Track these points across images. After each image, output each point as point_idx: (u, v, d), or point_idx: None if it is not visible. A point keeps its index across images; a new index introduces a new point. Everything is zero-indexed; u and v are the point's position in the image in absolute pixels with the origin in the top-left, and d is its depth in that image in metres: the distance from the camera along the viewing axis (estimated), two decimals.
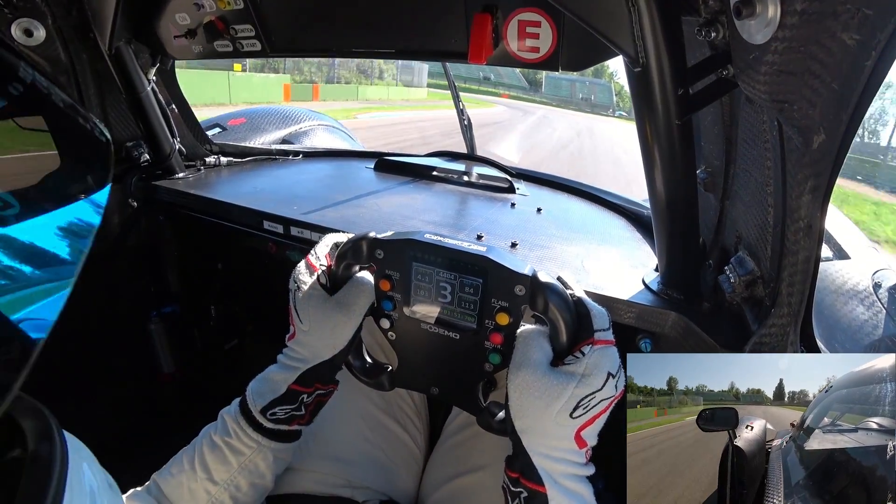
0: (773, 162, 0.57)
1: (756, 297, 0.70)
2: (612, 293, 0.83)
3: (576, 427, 0.49)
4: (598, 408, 0.49)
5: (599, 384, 0.48)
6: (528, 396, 0.49)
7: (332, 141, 2.37)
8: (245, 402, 0.63)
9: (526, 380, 0.50)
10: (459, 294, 0.56)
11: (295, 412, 0.62)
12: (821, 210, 0.50)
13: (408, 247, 0.58)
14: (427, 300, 0.59)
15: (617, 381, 0.49)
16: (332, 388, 0.65)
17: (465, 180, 1.51)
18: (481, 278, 0.55)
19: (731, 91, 0.65)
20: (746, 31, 0.47)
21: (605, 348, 0.50)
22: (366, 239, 0.60)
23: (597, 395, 0.48)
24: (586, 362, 0.49)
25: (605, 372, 0.48)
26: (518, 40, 0.86)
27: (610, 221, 1.26)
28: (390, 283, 0.60)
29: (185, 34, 1.13)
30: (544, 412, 0.48)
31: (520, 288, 0.53)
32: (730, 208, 0.77)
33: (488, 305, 0.55)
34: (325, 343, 0.60)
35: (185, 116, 1.43)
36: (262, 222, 1.15)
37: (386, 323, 0.63)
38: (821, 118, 0.43)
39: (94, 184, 0.36)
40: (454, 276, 0.56)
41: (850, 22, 0.37)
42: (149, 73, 1.24)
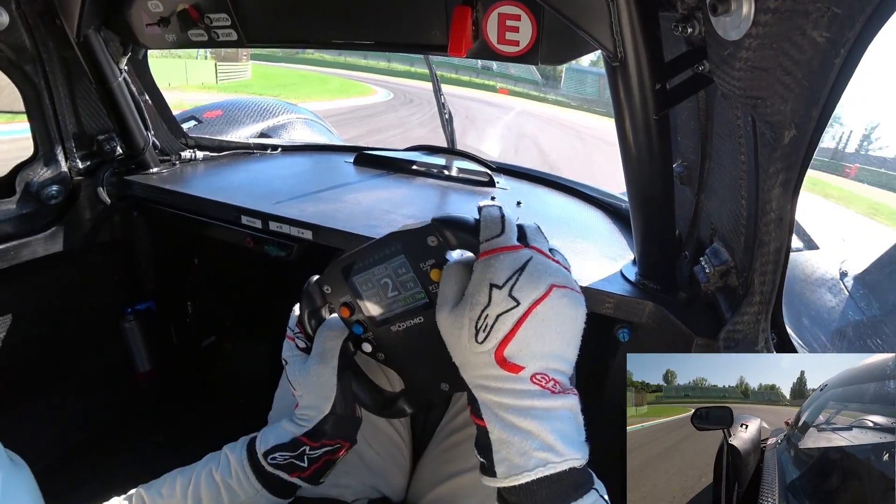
0: (747, 156, 0.59)
1: (730, 286, 0.72)
2: (591, 284, 0.85)
3: (491, 351, 0.44)
4: (502, 325, 0.43)
5: (484, 299, 0.44)
6: (446, 334, 0.47)
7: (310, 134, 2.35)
8: (253, 443, 0.63)
9: (440, 319, 0.48)
10: (398, 279, 0.57)
11: (295, 461, 0.61)
12: (791, 202, 0.52)
13: (339, 268, 0.59)
14: (381, 302, 0.59)
15: (510, 289, 0.44)
16: (342, 444, 0.63)
17: (445, 174, 1.51)
18: (402, 254, 0.55)
19: (707, 86, 0.67)
20: (722, 28, 0.48)
21: (488, 259, 0.46)
22: (310, 285, 0.62)
23: (488, 312, 0.43)
24: (472, 281, 0.46)
25: (487, 284, 0.44)
26: (498, 33, 0.86)
27: (588, 214, 1.28)
28: (347, 307, 0.60)
29: (158, 22, 1.10)
30: (458, 344, 0.46)
31: (431, 239, 0.53)
32: (705, 201, 0.79)
33: (422, 272, 0.55)
34: (318, 397, 0.60)
35: (160, 108, 1.39)
36: (240, 217, 1.14)
37: (368, 347, 0.62)
38: (792, 114, 0.45)
39: None
40: (384, 266, 0.57)
41: (821, 20, 0.38)
42: (120, 62, 1.20)
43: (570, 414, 0.45)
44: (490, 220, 0.48)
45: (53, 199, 1.20)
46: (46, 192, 1.19)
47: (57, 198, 1.21)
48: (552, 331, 0.44)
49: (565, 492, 0.43)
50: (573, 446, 0.44)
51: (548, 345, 0.44)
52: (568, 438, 0.44)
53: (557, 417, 0.44)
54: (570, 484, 0.43)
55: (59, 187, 1.21)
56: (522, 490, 0.43)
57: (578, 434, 0.45)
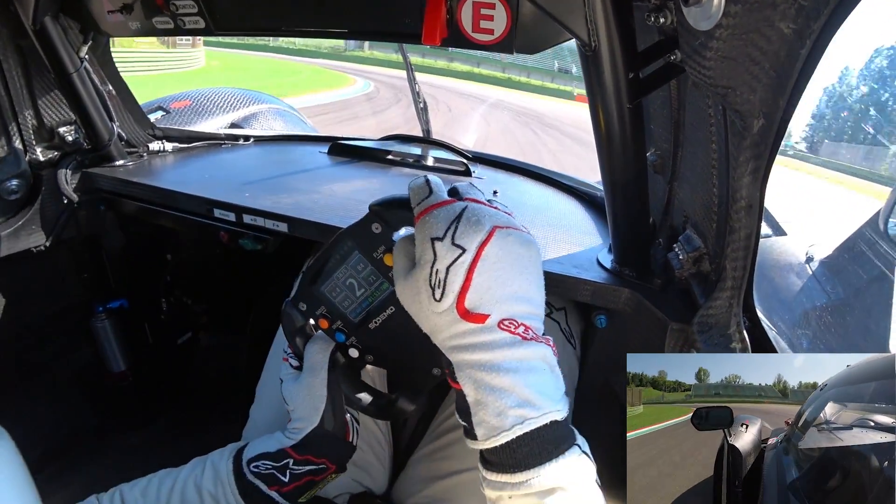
0: (718, 145, 0.60)
1: (702, 272, 0.73)
2: (569, 272, 0.86)
3: (452, 306, 0.43)
4: (455, 275, 0.42)
5: (430, 256, 0.43)
6: (407, 305, 0.47)
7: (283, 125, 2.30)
8: (241, 451, 0.63)
9: (400, 291, 0.48)
10: (360, 277, 0.58)
11: (277, 473, 0.60)
12: (760, 190, 0.53)
13: (308, 282, 0.60)
14: (353, 304, 0.59)
15: (451, 239, 0.43)
16: (327, 465, 0.62)
17: (420, 164, 1.50)
18: (354, 249, 0.56)
19: (679, 76, 0.67)
20: (693, 18, 0.48)
21: (423, 218, 0.45)
22: (287, 305, 0.63)
23: (437, 266, 0.43)
24: (416, 245, 0.46)
25: (428, 240, 0.44)
26: (472, 22, 0.85)
27: (565, 203, 1.29)
28: (325, 319, 0.61)
29: (121, 9, 1.05)
30: (421, 310, 0.45)
31: (375, 226, 0.54)
32: (678, 189, 0.80)
33: (377, 262, 0.56)
34: (307, 408, 0.60)
35: (125, 99, 1.35)
36: (213, 210, 1.11)
37: (355, 352, 0.62)
38: (760, 103, 0.46)
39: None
40: (344, 268, 0.58)
41: (788, 12, 0.39)
42: (80, 51, 1.15)
43: (545, 364, 0.44)
44: (417, 187, 0.48)
45: (13, 193, 1.16)
46: (5, 186, 1.14)
47: (17, 192, 1.16)
48: (508, 271, 0.44)
49: (546, 449, 0.42)
50: (551, 399, 0.43)
51: (507, 286, 0.44)
52: (545, 391, 0.43)
53: (532, 369, 0.43)
54: (551, 440, 0.42)
55: (20, 181, 1.16)
56: (503, 450, 0.42)
57: (556, 386, 0.45)
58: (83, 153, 1.27)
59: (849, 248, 0.89)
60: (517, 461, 0.42)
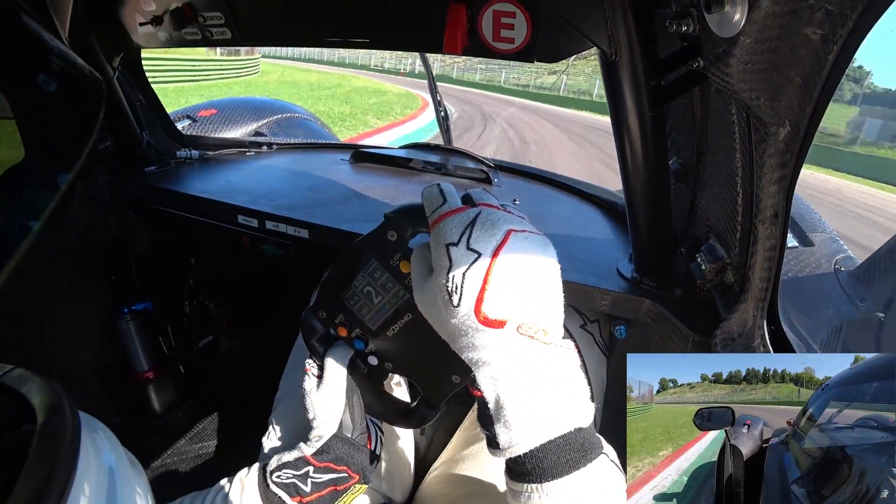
0: (742, 153, 0.59)
1: (726, 283, 0.72)
2: (588, 281, 0.85)
3: (470, 311, 0.42)
4: (472, 280, 0.42)
5: (445, 262, 0.43)
6: (425, 312, 0.47)
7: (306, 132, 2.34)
8: (266, 465, 0.63)
9: (418, 298, 0.48)
10: (378, 284, 0.58)
11: (298, 482, 0.60)
12: (786, 199, 0.52)
13: (326, 290, 0.60)
14: (372, 311, 0.59)
15: (466, 244, 0.43)
16: (349, 474, 0.61)
17: (441, 172, 1.51)
18: (371, 257, 0.57)
19: (702, 83, 0.67)
20: (716, 25, 0.48)
21: (438, 226, 0.45)
22: (307, 313, 0.63)
23: (454, 273, 0.42)
24: (432, 252, 0.45)
25: (443, 247, 0.44)
26: (493, 31, 0.86)
27: (584, 211, 1.28)
28: (344, 327, 0.61)
29: (151, 21, 1.09)
30: (439, 317, 0.45)
31: (390, 234, 0.54)
32: (701, 198, 0.79)
33: (393, 269, 0.56)
34: (327, 415, 0.61)
35: (154, 108, 1.39)
36: (237, 216, 1.13)
37: (374, 360, 0.62)
38: (786, 110, 0.45)
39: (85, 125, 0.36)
40: (362, 276, 0.58)
41: (814, 17, 0.38)
42: (113, 61, 1.19)
43: (567, 369, 0.43)
44: (430, 195, 0.48)
45: None
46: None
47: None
48: (525, 274, 0.43)
49: (573, 457, 0.41)
50: (574, 405, 0.42)
51: (524, 290, 0.43)
52: (568, 397, 0.42)
53: (553, 374, 0.42)
54: (577, 447, 0.41)
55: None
56: (527, 459, 0.41)
57: (579, 391, 0.43)
58: (114, 160, 1.31)
59: (882, 260, 0.86)
60: (543, 470, 0.41)
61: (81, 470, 0.29)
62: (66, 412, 0.31)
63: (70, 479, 0.28)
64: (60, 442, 0.28)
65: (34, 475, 0.26)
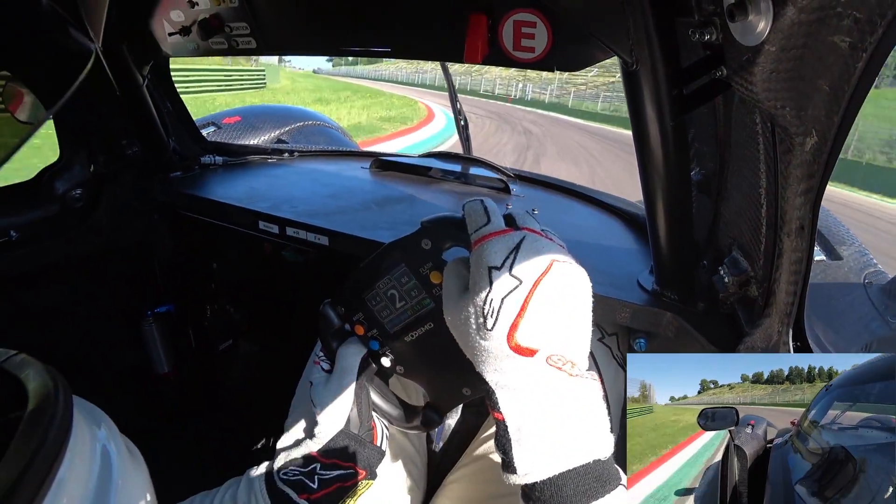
0: (767, 163, 0.58)
1: (749, 297, 0.70)
2: (607, 293, 0.84)
3: (503, 336, 0.42)
4: (509, 307, 0.42)
5: (485, 284, 0.42)
6: (454, 329, 0.47)
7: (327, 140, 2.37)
8: (273, 463, 0.63)
9: (448, 315, 0.47)
10: (403, 289, 0.57)
11: (305, 479, 0.60)
12: (812, 211, 0.50)
13: (348, 287, 0.60)
14: (392, 314, 0.59)
15: (509, 269, 0.42)
16: (356, 470, 0.61)
17: (460, 181, 1.51)
18: (401, 262, 0.56)
19: (725, 92, 0.65)
20: (739, 33, 0.47)
21: (481, 246, 0.44)
22: (324, 308, 0.63)
23: (492, 296, 0.42)
24: (471, 272, 0.45)
25: (485, 269, 0.43)
26: (513, 40, 0.86)
27: (604, 222, 1.26)
28: (361, 325, 0.61)
29: (180, 31, 1.12)
30: (468, 337, 0.45)
31: (425, 242, 0.53)
32: (723, 209, 0.77)
33: (423, 277, 0.56)
34: (334, 412, 0.60)
35: (180, 115, 1.42)
36: (258, 222, 1.15)
37: (387, 361, 0.63)
38: (812, 120, 0.44)
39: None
40: (388, 279, 0.57)
41: (841, 25, 0.37)
42: (143, 70, 1.23)
43: (590, 401, 0.43)
44: (473, 211, 0.47)
45: (77, 202, 1.23)
46: (70, 195, 1.22)
47: (80, 201, 1.24)
48: (561, 308, 0.43)
49: (591, 486, 0.41)
50: (596, 437, 0.42)
51: (559, 323, 0.43)
52: (589, 428, 0.42)
53: (576, 406, 0.42)
54: (595, 478, 0.41)
55: (83, 191, 1.24)
56: (546, 486, 0.41)
57: (601, 423, 0.43)
58: (141, 165, 1.34)
59: None
60: (561, 499, 0.41)
61: (72, 454, 0.29)
62: (60, 397, 0.31)
63: (56, 461, 0.28)
64: (49, 426, 0.28)
65: (17, 457, 0.26)
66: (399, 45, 1.00)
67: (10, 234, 1.12)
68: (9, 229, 1.12)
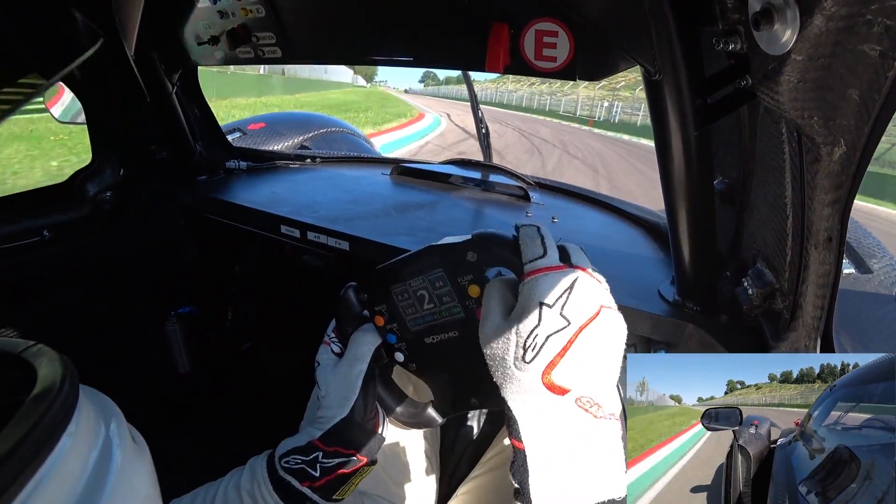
0: (793, 173, 0.56)
1: (775, 310, 0.68)
2: (628, 303, 0.83)
3: (538, 371, 0.43)
4: (551, 345, 0.42)
5: (534, 319, 0.43)
6: (489, 352, 0.47)
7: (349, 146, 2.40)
8: (274, 452, 0.64)
9: (484, 336, 0.47)
10: (435, 292, 0.56)
11: (307, 467, 0.60)
12: (841, 222, 0.49)
13: (378, 276, 0.59)
14: (417, 313, 0.59)
15: (560, 309, 0.43)
16: (357, 457, 0.61)
17: (481, 188, 1.51)
18: (440, 267, 0.55)
19: (750, 101, 0.65)
20: (765, 42, 0.46)
21: (535, 279, 0.45)
22: (347, 291, 0.62)
23: (538, 332, 0.42)
24: (520, 300, 0.45)
25: (536, 303, 0.43)
26: (535, 49, 0.86)
27: (625, 231, 1.25)
28: (382, 316, 0.61)
29: (209, 41, 1.16)
30: (502, 363, 0.45)
31: (471, 254, 0.53)
32: (747, 219, 0.76)
33: (459, 287, 0.55)
34: (339, 398, 0.60)
35: (207, 120, 1.46)
36: (280, 226, 1.17)
37: (400, 356, 0.62)
38: (841, 129, 0.43)
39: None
40: (422, 279, 0.56)
41: (871, 33, 0.36)
42: (173, 77, 1.27)
43: (611, 443, 0.44)
44: (530, 239, 0.48)
45: (107, 204, 1.27)
46: (101, 197, 1.26)
47: (110, 203, 1.28)
48: (600, 352, 0.44)
49: None
50: (613, 477, 0.43)
51: (595, 367, 0.44)
52: (606, 470, 0.43)
53: (598, 448, 0.43)
54: None
55: (112, 193, 1.28)
56: None
57: (617, 464, 0.44)
58: (168, 169, 1.38)
59: None
60: None
61: (71, 437, 0.29)
62: (66, 384, 0.31)
63: (52, 440, 0.28)
64: (42, 415, 0.29)
65: (14, 432, 0.27)
66: (422, 54, 1.01)
67: (43, 233, 1.16)
68: (42, 228, 1.16)
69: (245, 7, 1.08)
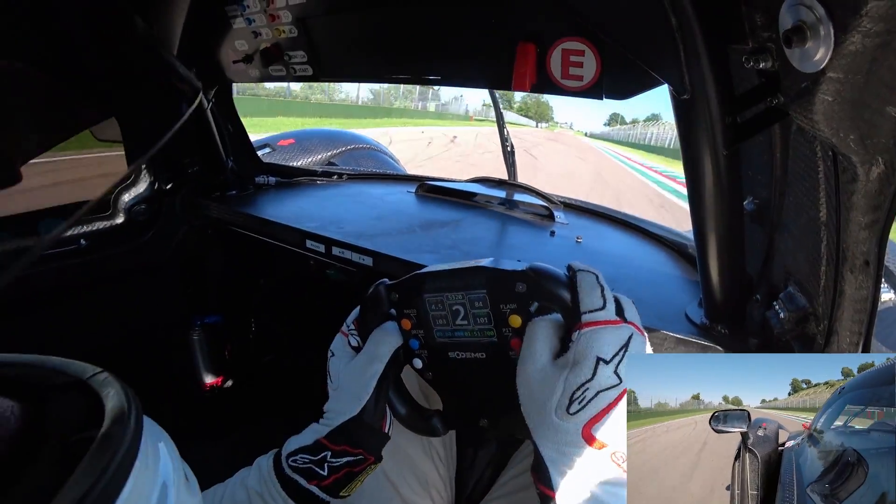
0: (827, 194, 0.55)
1: (808, 334, 0.66)
2: (653, 325, 0.81)
3: (581, 424, 0.43)
4: (599, 401, 0.43)
5: (589, 373, 0.43)
6: (528, 392, 0.47)
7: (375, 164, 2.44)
8: (280, 451, 0.64)
9: (525, 375, 0.47)
10: (472, 311, 0.55)
11: (315, 466, 0.59)
12: (879, 246, 0.47)
13: (416, 281, 0.59)
14: (447, 326, 0.58)
15: (615, 366, 0.44)
16: (363, 455, 0.61)
17: (505, 206, 1.51)
18: (484, 289, 0.54)
19: (781, 120, 0.63)
20: (797, 60, 0.45)
21: (594, 331, 0.45)
22: (379, 288, 0.62)
23: (590, 386, 0.43)
24: (574, 350, 0.45)
25: (594, 358, 0.43)
26: (562, 69, 0.86)
27: (652, 252, 1.23)
28: (410, 321, 0.60)
29: (243, 59, 1.20)
30: (543, 407, 0.45)
31: (521, 285, 0.52)
32: (779, 241, 0.74)
33: (500, 313, 0.54)
34: (351, 395, 0.60)
35: (240, 136, 1.50)
36: (305, 241, 1.19)
37: (419, 363, 0.62)
38: (879, 148, 0.41)
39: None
40: (461, 295, 0.56)
41: None
42: (208, 94, 1.32)
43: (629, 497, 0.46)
44: (591, 289, 0.47)
45: (141, 215, 1.32)
46: (136, 209, 1.30)
47: (144, 215, 1.32)
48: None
49: None
50: None
51: (625, 423, 0.44)
52: None
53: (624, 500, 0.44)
54: None
55: (146, 205, 1.32)
56: None
57: None
58: (200, 183, 1.42)
59: None
60: None
61: (133, 479, 0.29)
62: (132, 421, 0.31)
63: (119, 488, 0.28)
64: (114, 453, 0.29)
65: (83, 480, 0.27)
66: (448, 73, 1.02)
67: (79, 242, 1.20)
68: (80, 238, 1.20)
69: (278, 27, 1.11)
